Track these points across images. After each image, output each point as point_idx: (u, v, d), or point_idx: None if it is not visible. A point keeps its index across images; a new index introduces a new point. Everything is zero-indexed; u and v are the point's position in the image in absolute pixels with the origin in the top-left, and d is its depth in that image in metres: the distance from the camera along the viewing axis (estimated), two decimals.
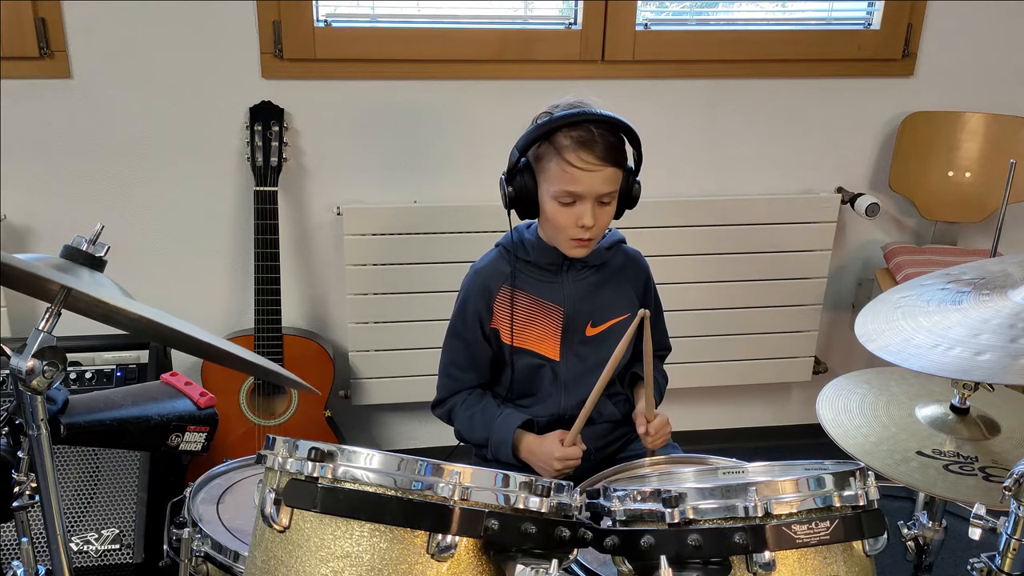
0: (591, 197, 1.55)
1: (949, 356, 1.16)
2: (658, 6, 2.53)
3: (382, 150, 2.43)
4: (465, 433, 1.75)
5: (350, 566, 0.98)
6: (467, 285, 1.73)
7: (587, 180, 1.54)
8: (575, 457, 1.60)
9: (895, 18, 2.53)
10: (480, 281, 1.71)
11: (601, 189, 1.55)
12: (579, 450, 1.60)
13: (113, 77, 2.26)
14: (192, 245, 2.43)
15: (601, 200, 1.57)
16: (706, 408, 2.83)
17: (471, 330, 1.71)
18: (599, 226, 1.59)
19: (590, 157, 1.53)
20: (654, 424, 1.61)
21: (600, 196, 1.56)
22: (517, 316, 1.68)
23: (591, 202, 1.56)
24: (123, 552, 2.00)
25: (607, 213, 1.59)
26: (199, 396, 1.28)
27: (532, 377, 1.72)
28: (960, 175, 2.60)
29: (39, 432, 1.09)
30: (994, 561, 1.12)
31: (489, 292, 1.69)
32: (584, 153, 1.53)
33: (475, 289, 1.71)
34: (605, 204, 1.58)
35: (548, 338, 1.70)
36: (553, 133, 1.54)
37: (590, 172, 1.54)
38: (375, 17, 2.39)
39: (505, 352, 1.71)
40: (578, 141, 1.53)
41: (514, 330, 1.68)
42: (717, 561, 1.01)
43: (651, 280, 1.79)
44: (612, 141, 1.55)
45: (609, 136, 1.55)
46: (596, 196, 1.56)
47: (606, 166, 1.54)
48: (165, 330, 1.17)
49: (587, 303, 1.69)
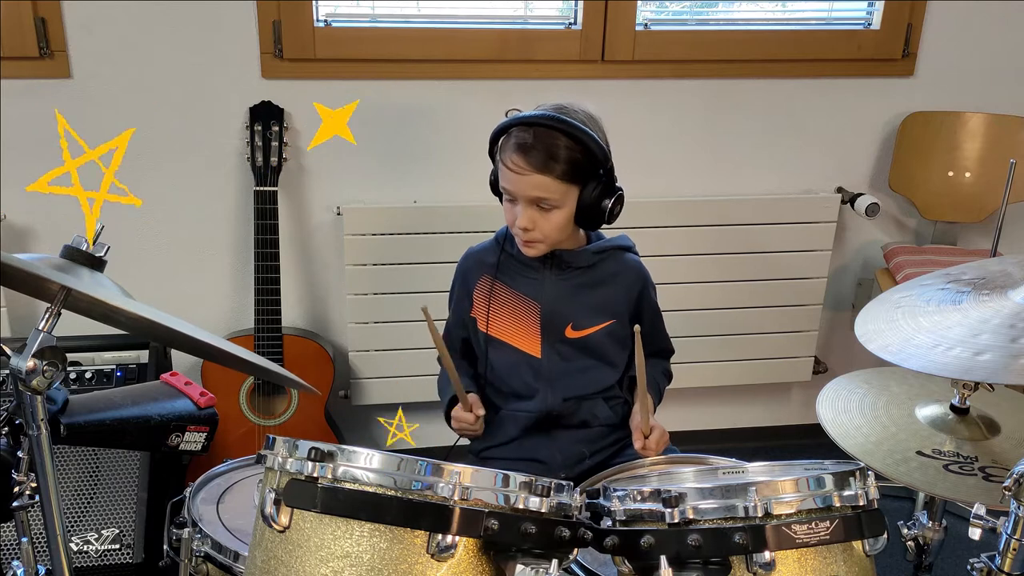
0: (523, 199, 1.57)
1: (949, 356, 1.16)
2: (658, 6, 2.53)
3: (382, 150, 2.43)
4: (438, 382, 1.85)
5: (350, 566, 0.98)
6: (458, 265, 1.80)
7: (516, 182, 1.56)
8: (466, 421, 1.67)
9: (895, 18, 2.53)
10: (467, 265, 1.78)
11: (531, 193, 1.56)
12: (472, 416, 1.67)
13: (113, 77, 2.26)
14: (192, 245, 2.43)
15: (539, 204, 1.57)
16: (706, 408, 2.83)
17: (457, 305, 1.79)
18: (540, 230, 1.59)
19: (520, 160, 1.54)
20: (652, 438, 1.60)
21: (533, 200, 1.57)
22: (495, 306, 1.71)
23: (525, 204, 1.58)
24: (123, 552, 2.00)
25: (549, 220, 1.58)
26: (199, 396, 1.28)
27: (513, 372, 1.73)
28: (960, 175, 2.60)
29: (39, 432, 1.10)
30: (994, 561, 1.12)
31: (471, 278, 1.75)
32: (516, 155, 1.55)
33: (461, 271, 1.79)
34: (545, 210, 1.58)
35: (528, 335, 1.71)
36: (510, 130, 1.58)
37: (518, 175, 1.55)
38: (375, 17, 2.39)
39: (481, 341, 1.73)
40: (517, 143, 1.55)
41: (490, 319, 1.71)
42: (717, 561, 1.01)
43: (648, 290, 1.76)
44: (554, 151, 1.53)
45: (555, 146, 1.53)
46: (528, 199, 1.57)
47: (533, 172, 1.54)
48: (165, 330, 1.17)
49: (567, 304, 1.69)
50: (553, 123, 1.53)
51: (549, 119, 1.53)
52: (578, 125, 1.54)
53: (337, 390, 2.52)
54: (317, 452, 1.00)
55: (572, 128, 1.53)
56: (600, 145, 1.55)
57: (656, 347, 1.82)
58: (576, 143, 1.54)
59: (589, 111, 1.61)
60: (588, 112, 1.61)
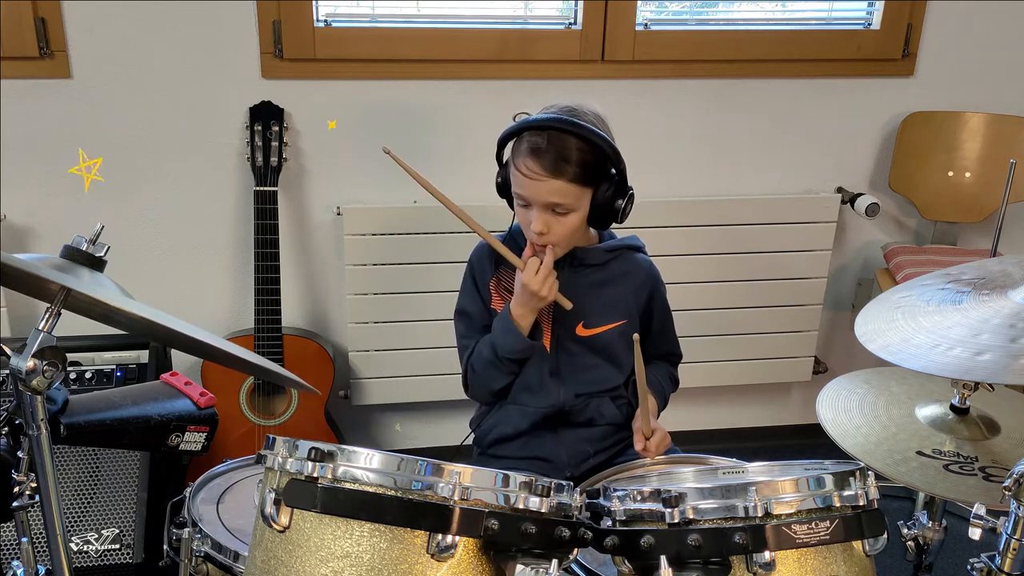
0: (538, 204, 1.56)
1: (949, 356, 1.16)
2: (658, 6, 2.53)
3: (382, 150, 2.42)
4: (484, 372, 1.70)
5: (350, 566, 0.98)
6: (472, 256, 1.77)
7: (531, 188, 1.55)
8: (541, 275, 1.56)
9: (895, 18, 2.53)
10: (480, 258, 1.75)
11: (546, 199, 1.54)
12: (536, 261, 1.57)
13: (113, 77, 2.26)
14: (192, 245, 2.43)
15: (554, 209, 1.56)
16: (706, 408, 2.83)
17: (474, 300, 1.74)
18: (555, 234, 1.57)
19: (535, 166, 1.53)
20: (653, 440, 1.60)
21: (548, 205, 1.55)
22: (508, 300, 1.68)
23: (539, 209, 1.56)
24: (123, 552, 2.00)
25: (564, 224, 1.57)
26: (199, 396, 1.28)
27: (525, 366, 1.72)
28: (960, 175, 2.60)
29: (39, 432, 1.10)
30: (994, 561, 1.12)
31: (485, 271, 1.73)
32: (531, 161, 1.53)
33: (474, 263, 1.76)
34: (560, 214, 1.56)
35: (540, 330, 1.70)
36: (521, 133, 1.56)
37: (534, 181, 1.54)
38: (375, 17, 2.39)
39: None
40: (531, 147, 1.53)
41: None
42: (717, 561, 1.01)
43: (658, 291, 1.75)
44: (567, 154, 1.52)
45: (568, 148, 1.52)
46: (543, 204, 1.55)
47: (549, 178, 1.52)
48: (165, 330, 1.17)
49: (580, 301, 1.68)
50: (566, 126, 1.51)
51: (562, 122, 1.52)
52: (591, 128, 1.52)
53: (337, 390, 2.52)
54: (317, 452, 1.00)
55: (585, 131, 1.52)
56: (612, 146, 1.54)
57: (664, 349, 1.81)
58: (589, 145, 1.53)
59: (597, 111, 1.60)
60: (596, 112, 1.60)
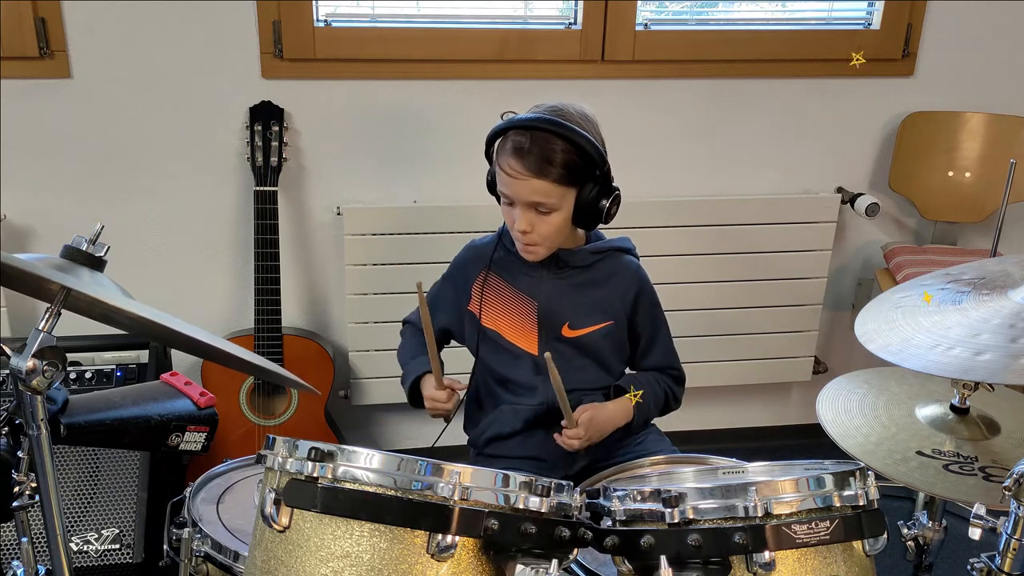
0: (521, 203, 1.57)
1: (949, 356, 1.16)
2: (658, 6, 2.53)
3: (382, 150, 2.43)
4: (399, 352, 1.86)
5: (350, 566, 0.98)
6: (459, 255, 1.80)
7: (515, 187, 1.56)
8: (439, 400, 1.67)
9: (895, 18, 2.53)
10: (467, 257, 1.78)
11: (529, 198, 1.56)
12: (443, 395, 1.67)
13: (113, 77, 2.26)
14: (192, 245, 2.43)
15: (537, 208, 1.57)
16: (706, 408, 2.83)
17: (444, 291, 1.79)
18: (539, 233, 1.59)
19: (518, 166, 1.54)
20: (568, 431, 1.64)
21: (532, 204, 1.56)
22: (492, 301, 1.71)
23: (523, 208, 1.57)
24: (123, 552, 2.00)
25: (547, 223, 1.58)
26: (199, 396, 1.28)
27: (510, 367, 1.73)
28: (960, 175, 2.60)
29: (39, 432, 1.10)
30: (994, 561, 1.12)
31: (471, 271, 1.74)
32: (514, 160, 1.54)
33: (460, 262, 1.78)
34: (543, 213, 1.57)
35: (525, 331, 1.70)
36: (507, 132, 1.57)
37: (517, 180, 1.55)
38: (375, 17, 2.39)
39: (476, 335, 1.72)
40: (514, 147, 1.54)
41: (488, 314, 1.71)
42: (717, 561, 1.01)
43: (645, 294, 1.74)
44: (551, 154, 1.52)
45: (551, 150, 1.52)
46: (526, 203, 1.56)
47: (532, 177, 1.53)
48: (165, 330, 1.17)
49: (564, 303, 1.69)
50: (549, 127, 1.52)
51: (545, 123, 1.53)
52: (574, 128, 1.53)
53: (337, 390, 2.52)
54: (317, 452, 1.00)
55: (568, 131, 1.52)
56: (596, 147, 1.55)
57: (661, 363, 1.78)
58: (572, 146, 1.53)
59: (585, 111, 1.60)
60: (584, 112, 1.60)
